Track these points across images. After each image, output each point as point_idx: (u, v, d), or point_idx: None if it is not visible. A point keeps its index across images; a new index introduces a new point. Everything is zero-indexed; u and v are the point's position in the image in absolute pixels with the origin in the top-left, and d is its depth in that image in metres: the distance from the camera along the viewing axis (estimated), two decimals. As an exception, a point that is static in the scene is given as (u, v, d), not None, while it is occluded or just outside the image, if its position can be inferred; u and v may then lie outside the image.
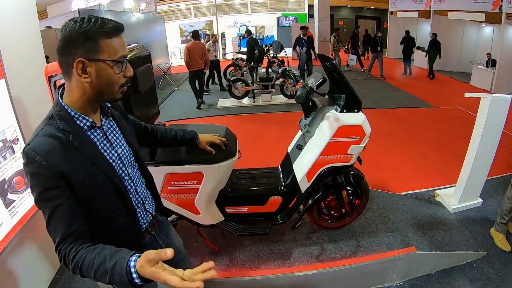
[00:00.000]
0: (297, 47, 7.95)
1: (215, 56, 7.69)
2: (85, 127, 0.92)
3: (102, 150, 0.96)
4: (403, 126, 5.17)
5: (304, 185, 1.92)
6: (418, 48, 10.30)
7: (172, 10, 15.46)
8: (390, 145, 4.32)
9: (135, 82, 1.78)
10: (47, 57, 2.33)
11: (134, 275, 0.76)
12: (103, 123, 0.99)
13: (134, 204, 1.05)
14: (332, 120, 1.83)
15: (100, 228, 0.97)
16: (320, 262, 2.01)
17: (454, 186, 2.87)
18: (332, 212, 2.19)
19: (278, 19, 15.67)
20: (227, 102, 6.77)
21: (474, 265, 2.28)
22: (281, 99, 6.68)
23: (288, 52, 9.67)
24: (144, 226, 1.11)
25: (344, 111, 1.86)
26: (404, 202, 2.74)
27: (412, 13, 11.42)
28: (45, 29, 7.56)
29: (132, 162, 1.07)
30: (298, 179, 1.91)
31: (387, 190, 3.10)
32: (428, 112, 5.96)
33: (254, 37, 7.70)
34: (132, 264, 0.77)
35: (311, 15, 15.38)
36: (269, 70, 7.76)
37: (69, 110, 0.89)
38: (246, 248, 2.14)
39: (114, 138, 1.02)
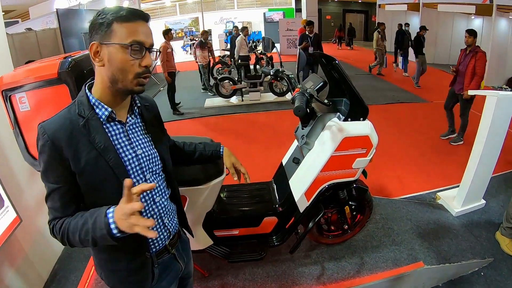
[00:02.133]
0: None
1: (248, 51, 7.06)
2: (103, 116, 0.89)
3: (117, 146, 0.91)
4: (397, 122, 5.04)
5: (302, 205, 1.70)
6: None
7: (157, 8, 15.05)
8: (385, 143, 4.17)
9: None
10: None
11: (112, 225, 0.77)
12: (128, 120, 0.95)
13: (146, 214, 0.99)
14: (335, 131, 1.60)
15: None
16: (321, 284, 1.82)
17: (455, 187, 2.76)
18: (333, 228, 2.00)
19: (264, 14, 15.42)
20: (214, 101, 6.54)
21: (482, 274, 2.17)
22: (270, 97, 6.49)
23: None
24: (161, 243, 1.04)
25: (349, 119, 1.63)
26: (407, 208, 2.58)
27: (401, 6, 11.32)
28: (25, 31, 7.20)
29: (156, 169, 1.00)
30: (296, 199, 1.69)
31: (386, 194, 2.98)
32: (421, 107, 5.86)
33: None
34: (110, 215, 0.78)
35: (298, 10, 15.19)
36: (257, 67, 7.53)
37: (90, 97, 0.90)
38: (239, 271, 1.93)
39: (137, 138, 0.97)
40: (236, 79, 6.30)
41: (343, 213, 1.90)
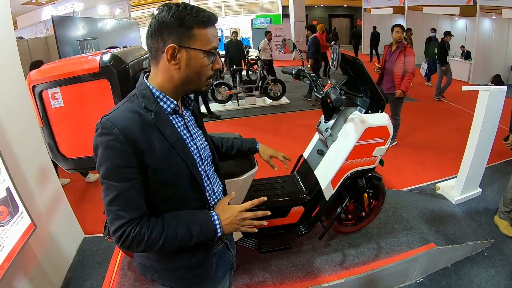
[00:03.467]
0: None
1: (271, 55, 7.22)
2: (168, 109, 0.89)
3: (183, 137, 0.92)
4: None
5: (328, 193, 1.84)
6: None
7: (146, 16, 15.03)
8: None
9: None
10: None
11: (219, 230, 0.91)
12: (184, 113, 0.97)
13: (211, 205, 1.01)
14: (358, 122, 1.75)
15: None
16: (345, 269, 1.94)
17: (452, 178, 2.92)
18: (350, 217, 2.14)
19: (252, 21, 15.64)
20: (210, 107, 6.58)
21: (485, 254, 2.34)
22: (265, 101, 6.61)
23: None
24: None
25: (369, 111, 1.78)
26: (411, 198, 2.75)
27: (386, 10, 11.66)
28: (17, 40, 7.08)
29: (209, 161, 1.04)
30: (323, 187, 1.82)
31: (389, 186, 3.13)
32: (412, 106, 6.08)
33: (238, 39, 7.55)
34: (216, 221, 0.91)
35: (285, 16, 15.48)
36: (249, 73, 7.60)
37: (153, 90, 0.87)
38: (265, 263, 2.03)
39: (194, 130, 0.99)
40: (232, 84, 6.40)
41: (360, 201, 2.04)
